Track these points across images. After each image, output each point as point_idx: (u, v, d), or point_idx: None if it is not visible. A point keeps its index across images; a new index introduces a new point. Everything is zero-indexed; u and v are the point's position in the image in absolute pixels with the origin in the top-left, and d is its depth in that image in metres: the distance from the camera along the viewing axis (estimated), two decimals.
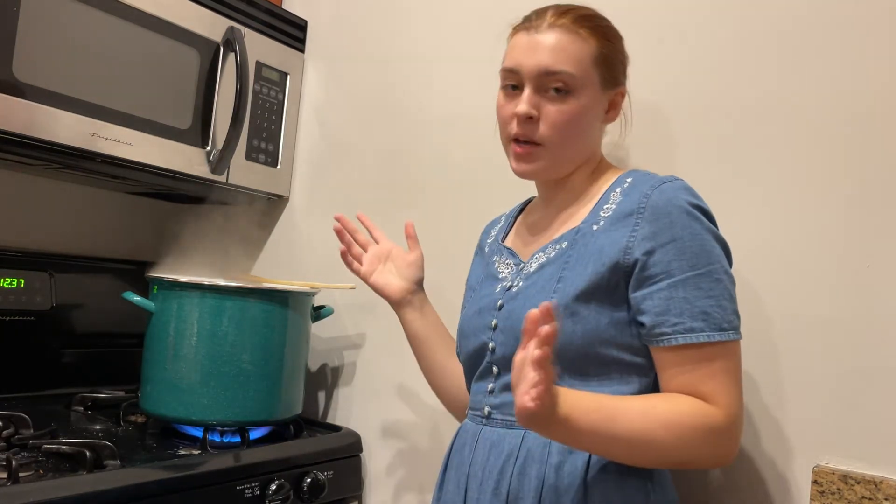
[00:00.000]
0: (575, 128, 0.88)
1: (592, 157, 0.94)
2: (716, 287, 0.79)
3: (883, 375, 0.89)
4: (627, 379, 0.83)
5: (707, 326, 0.78)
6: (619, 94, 0.93)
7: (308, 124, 1.58)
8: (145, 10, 1.26)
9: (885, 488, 0.86)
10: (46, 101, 1.13)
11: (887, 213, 0.91)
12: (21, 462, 0.96)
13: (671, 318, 0.79)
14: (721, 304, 0.79)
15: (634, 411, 0.77)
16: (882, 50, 0.93)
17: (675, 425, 0.76)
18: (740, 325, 0.81)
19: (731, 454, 0.80)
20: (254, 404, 1.23)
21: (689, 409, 0.77)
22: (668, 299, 0.79)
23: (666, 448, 0.76)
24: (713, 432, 0.77)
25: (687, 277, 0.79)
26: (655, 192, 0.83)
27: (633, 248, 0.81)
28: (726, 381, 0.79)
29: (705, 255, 0.80)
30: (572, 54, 0.87)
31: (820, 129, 0.96)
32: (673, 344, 0.79)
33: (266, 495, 1.13)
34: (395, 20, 1.47)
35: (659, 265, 0.80)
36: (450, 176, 1.35)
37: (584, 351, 0.83)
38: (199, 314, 1.21)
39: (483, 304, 0.95)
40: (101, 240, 1.64)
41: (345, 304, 1.47)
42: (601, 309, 0.82)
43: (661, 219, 0.81)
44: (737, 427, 0.80)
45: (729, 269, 0.82)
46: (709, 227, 0.82)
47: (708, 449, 0.78)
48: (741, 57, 1.04)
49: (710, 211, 0.84)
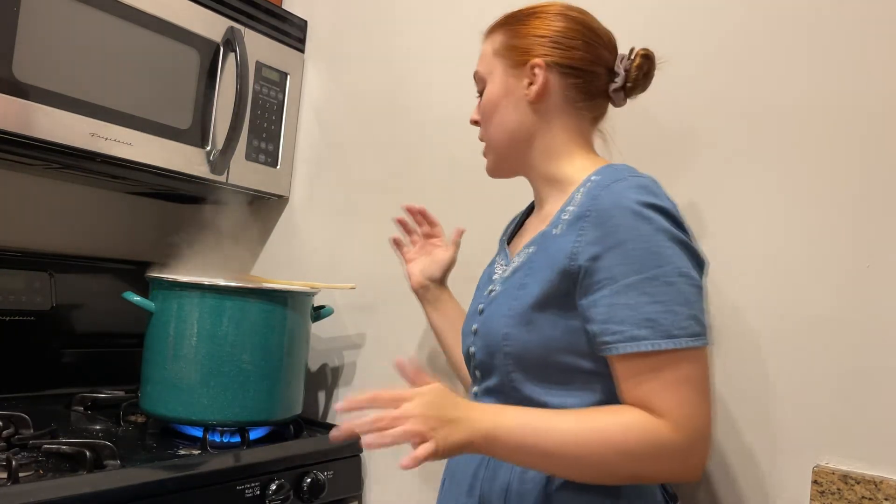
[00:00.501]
0: (490, 115, 0.93)
1: (539, 141, 0.90)
2: (666, 291, 0.74)
3: (883, 375, 0.89)
4: (591, 387, 0.80)
5: (652, 334, 0.73)
6: (531, 67, 0.88)
7: (308, 124, 1.58)
8: (145, 10, 1.26)
9: (885, 488, 0.86)
10: (46, 101, 1.13)
11: (888, 213, 0.91)
12: (21, 462, 0.96)
13: (612, 326, 0.75)
14: (672, 309, 0.73)
15: (566, 426, 0.74)
16: (884, 50, 0.93)
17: (611, 439, 0.73)
18: (703, 332, 0.75)
19: (691, 470, 0.74)
20: (254, 404, 1.23)
21: (631, 423, 0.73)
22: (611, 306, 0.75)
23: (606, 463, 0.73)
24: (661, 448, 0.72)
25: (631, 283, 0.74)
26: (603, 192, 0.79)
27: (578, 253, 0.78)
28: (679, 392, 0.73)
29: (653, 257, 0.74)
30: (483, 56, 0.95)
31: (820, 129, 0.96)
32: (615, 353, 0.75)
33: (266, 495, 1.13)
34: (395, 20, 1.47)
35: (603, 271, 0.76)
36: (450, 176, 1.35)
37: (542, 359, 0.81)
38: (199, 314, 1.21)
39: (473, 307, 0.96)
40: (101, 240, 1.64)
41: (345, 304, 1.47)
42: (556, 317, 0.80)
43: (606, 222, 0.76)
44: (692, 442, 0.73)
45: (688, 271, 0.76)
46: (662, 226, 0.76)
47: (657, 465, 0.73)
48: (744, 58, 1.04)
49: (670, 209, 0.78)
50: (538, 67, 0.88)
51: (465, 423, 0.74)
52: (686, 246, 0.77)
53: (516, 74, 0.90)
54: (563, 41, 0.88)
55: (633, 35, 0.97)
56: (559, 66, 0.88)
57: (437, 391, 0.76)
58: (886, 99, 0.92)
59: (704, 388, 0.75)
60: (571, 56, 0.88)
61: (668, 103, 1.09)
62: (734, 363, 0.99)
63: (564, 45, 0.88)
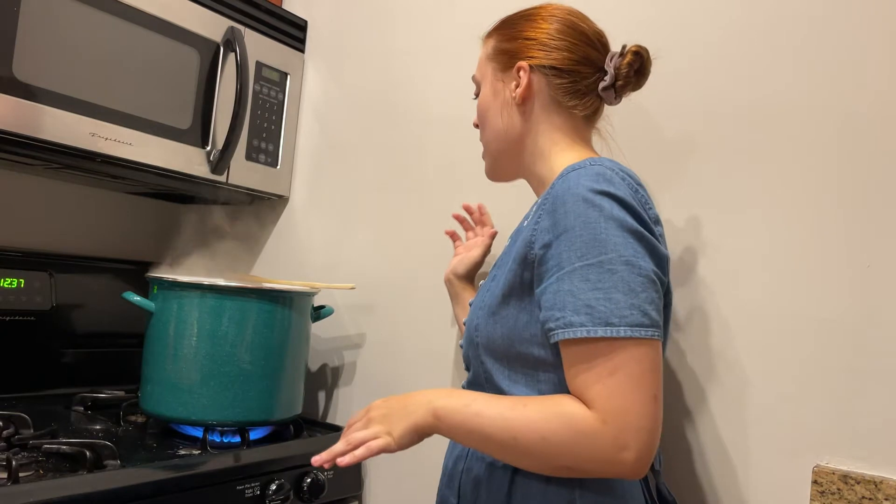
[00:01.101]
0: (483, 119, 0.96)
1: (530, 142, 0.91)
2: (607, 278, 0.72)
3: (883, 375, 0.89)
4: (555, 377, 0.80)
5: (589, 321, 0.72)
6: (517, 70, 0.90)
7: (308, 124, 1.59)
8: (145, 10, 1.26)
9: (885, 488, 0.86)
10: (46, 101, 1.13)
11: (887, 213, 0.91)
12: (21, 462, 0.96)
13: (556, 313, 0.74)
14: (611, 296, 0.72)
15: (499, 410, 0.76)
16: (882, 50, 0.93)
17: (538, 425, 0.73)
18: (648, 324, 0.72)
19: (620, 466, 0.71)
20: (254, 404, 1.23)
21: (559, 412, 0.72)
22: (556, 293, 0.75)
23: (533, 450, 0.73)
24: (583, 438, 0.71)
25: (574, 269, 0.74)
26: (559, 181, 0.79)
27: (534, 242, 0.79)
28: (611, 383, 0.71)
29: (597, 244, 0.73)
30: (479, 61, 0.98)
31: (820, 129, 0.96)
32: (555, 339, 0.75)
33: (266, 495, 1.13)
34: (394, 20, 1.47)
35: (552, 259, 0.76)
36: (450, 176, 1.35)
37: (506, 350, 0.82)
38: (199, 314, 1.21)
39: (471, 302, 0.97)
40: (101, 240, 1.64)
41: (345, 304, 1.47)
42: (520, 307, 0.81)
43: (558, 209, 0.77)
44: (621, 436, 0.70)
45: (636, 260, 0.73)
46: (612, 214, 0.74)
47: (581, 456, 0.71)
48: (740, 58, 1.04)
49: (624, 196, 0.76)
50: (522, 70, 0.91)
51: (411, 408, 0.81)
52: (639, 235, 0.75)
53: (504, 78, 0.93)
54: (548, 42, 0.90)
55: (629, 36, 0.98)
56: (543, 67, 0.90)
57: (387, 397, 0.85)
58: (887, 99, 0.92)
59: (646, 382, 0.71)
60: (555, 57, 0.89)
61: (668, 103, 1.09)
62: (734, 363, 0.99)
63: (549, 47, 0.90)
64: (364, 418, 0.84)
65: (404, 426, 0.80)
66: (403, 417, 0.81)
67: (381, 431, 0.81)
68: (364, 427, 0.82)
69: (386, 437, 0.80)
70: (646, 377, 0.72)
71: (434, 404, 0.80)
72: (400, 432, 0.80)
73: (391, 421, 0.81)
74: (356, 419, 0.85)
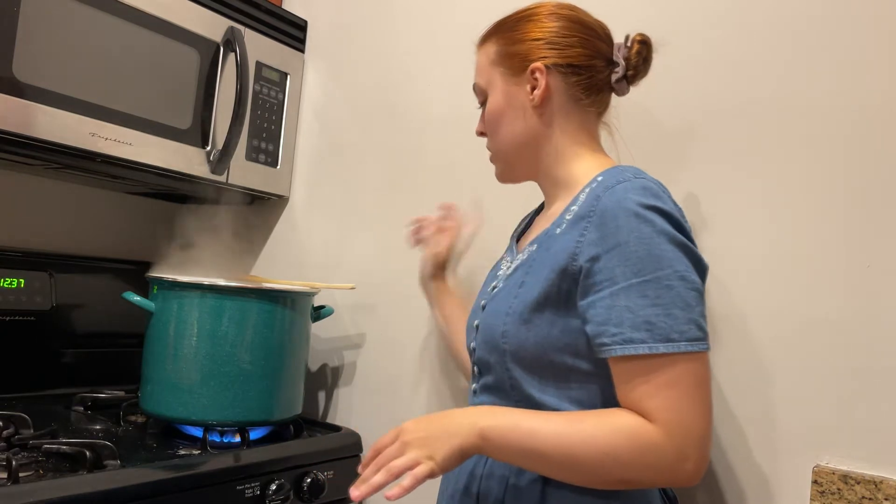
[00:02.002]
0: (496, 124, 0.93)
1: (548, 144, 0.90)
2: (665, 294, 0.73)
3: (883, 375, 0.89)
4: (588, 388, 0.80)
5: (650, 337, 0.72)
6: (532, 72, 0.89)
7: (308, 124, 1.59)
8: (145, 10, 1.26)
9: (885, 488, 0.86)
10: (46, 101, 1.13)
11: (887, 213, 0.91)
12: (21, 462, 0.96)
13: (611, 329, 0.74)
14: (671, 312, 0.72)
15: (555, 427, 0.74)
16: (883, 49, 0.93)
17: (599, 441, 0.72)
18: (703, 337, 0.74)
19: (682, 476, 0.72)
20: (254, 404, 1.23)
21: (621, 426, 0.72)
22: (610, 308, 0.74)
23: (595, 466, 0.73)
24: (648, 452, 0.71)
25: (631, 284, 0.74)
26: (606, 193, 0.78)
27: (579, 254, 0.78)
28: (672, 397, 0.72)
29: (653, 260, 0.74)
30: (480, 68, 0.95)
31: (820, 128, 0.96)
32: (612, 355, 0.74)
33: (266, 495, 1.13)
34: (395, 20, 1.47)
35: (603, 272, 0.75)
36: (450, 176, 1.35)
37: (539, 358, 0.81)
38: (199, 314, 1.21)
39: (476, 303, 0.96)
40: (101, 240, 1.64)
41: (345, 304, 1.47)
42: (555, 316, 0.80)
43: (608, 223, 0.76)
44: (683, 447, 0.71)
45: (689, 275, 0.75)
46: (663, 229, 0.75)
47: (646, 469, 0.72)
48: (741, 57, 1.04)
49: (672, 212, 0.77)
50: (539, 72, 0.88)
51: (455, 430, 0.76)
52: (687, 249, 0.76)
53: (517, 82, 0.90)
54: (559, 41, 0.88)
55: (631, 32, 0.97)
56: (559, 66, 0.88)
57: (420, 417, 0.79)
58: (887, 98, 0.92)
59: (701, 394, 0.73)
60: (570, 54, 0.88)
61: (668, 102, 1.09)
62: (734, 363, 0.99)
63: (561, 45, 0.88)
64: (398, 443, 0.77)
65: (448, 450, 0.75)
66: (445, 440, 0.76)
67: (421, 457, 0.75)
68: (400, 453, 0.76)
69: (428, 463, 0.75)
70: (701, 389, 0.73)
71: (479, 425, 0.76)
72: (443, 456, 0.75)
73: (431, 445, 0.76)
74: (385, 443, 0.79)
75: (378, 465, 0.77)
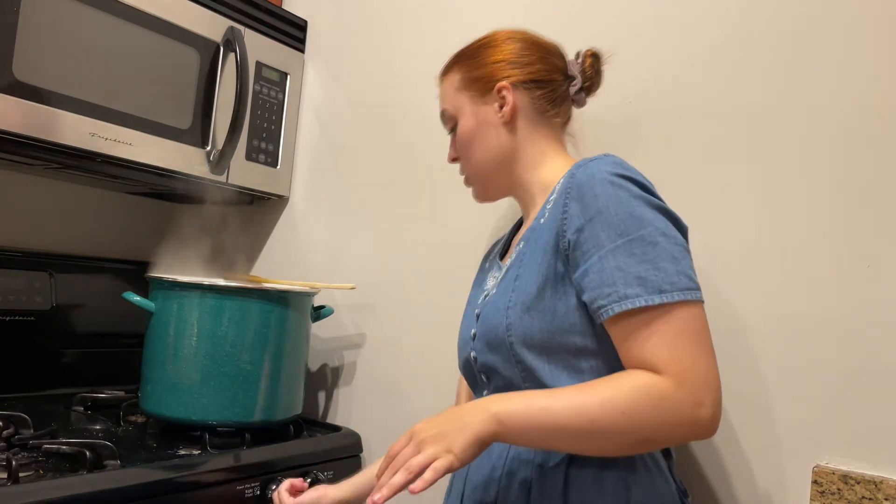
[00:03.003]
0: (469, 147, 0.97)
1: (521, 156, 0.95)
2: (650, 250, 0.76)
3: (883, 375, 0.89)
4: (598, 367, 0.81)
5: (644, 291, 0.74)
6: (498, 91, 0.94)
7: (308, 124, 1.59)
8: (145, 10, 1.26)
9: (885, 488, 0.86)
10: (46, 101, 1.13)
11: (887, 213, 0.91)
12: (21, 462, 0.96)
13: (605, 290, 0.76)
14: (659, 266, 0.75)
15: (570, 397, 0.74)
16: (882, 49, 0.93)
17: (615, 401, 0.72)
18: (695, 286, 0.76)
19: (700, 424, 0.73)
20: (254, 404, 1.23)
21: (635, 383, 0.73)
22: (601, 271, 0.77)
23: (616, 428, 0.72)
24: (666, 403, 0.72)
25: (617, 246, 0.77)
26: (580, 170, 0.82)
27: (566, 229, 0.81)
28: (676, 344, 0.73)
29: (634, 220, 0.77)
30: (446, 96, 1.00)
31: (820, 128, 0.96)
32: (610, 315, 0.76)
33: (266, 495, 1.13)
34: (395, 20, 1.47)
35: (589, 240, 0.78)
36: (450, 176, 1.35)
37: (546, 343, 0.82)
38: (199, 314, 1.21)
39: (467, 321, 0.97)
40: (101, 240, 1.64)
41: (345, 304, 1.47)
42: (556, 298, 0.82)
43: (585, 194, 0.80)
44: (697, 393, 0.72)
45: (670, 232, 0.78)
46: (638, 193, 0.79)
47: (666, 423, 0.72)
48: (740, 56, 1.04)
49: (643, 180, 0.81)
50: (505, 89, 0.94)
51: (468, 420, 0.76)
52: (664, 210, 0.80)
53: (485, 101, 0.96)
54: (519, 60, 0.95)
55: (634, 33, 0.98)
56: (523, 83, 0.94)
57: (429, 417, 0.79)
58: (887, 98, 0.92)
59: (703, 339, 0.75)
60: (531, 71, 0.94)
61: (667, 103, 1.09)
62: (734, 363, 0.99)
63: (522, 63, 0.95)
64: (413, 443, 0.76)
65: (465, 439, 0.75)
66: (461, 431, 0.75)
67: (439, 451, 0.74)
68: (417, 451, 0.75)
69: (447, 456, 0.74)
70: (702, 334, 0.75)
71: (493, 410, 0.75)
72: (461, 447, 0.74)
73: (447, 438, 0.75)
74: (399, 447, 0.78)
75: (395, 468, 0.75)
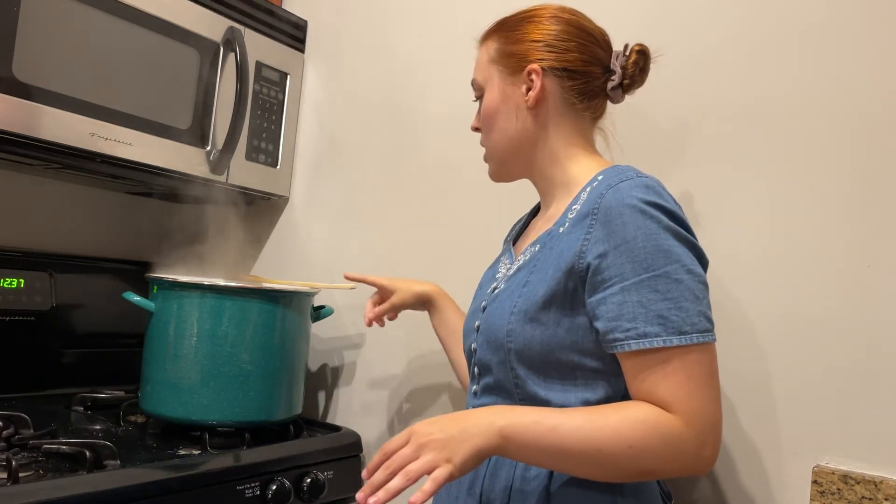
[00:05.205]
0: (491, 123, 0.94)
1: (542, 145, 0.91)
2: (674, 288, 0.75)
3: (883, 375, 0.89)
4: (593, 385, 0.80)
5: (664, 331, 0.74)
6: (528, 73, 0.89)
7: (308, 124, 1.59)
8: (145, 10, 1.26)
9: (885, 488, 0.86)
10: (46, 101, 1.13)
11: (887, 213, 0.91)
12: (21, 462, 0.96)
13: (624, 324, 0.75)
14: (681, 305, 0.74)
15: (578, 422, 0.74)
16: (883, 49, 0.93)
17: (623, 434, 0.72)
18: (711, 328, 0.76)
19: (701, 462, 0.74)
20: (254, 404, 1.23)
21: (643, 418, 0.73)
22: (622, 304, 0.75)
23: (619, 458, 0.73)
24: (672, 441, 0.72)
25: (641, 280, 0.75)
26: (610, 191, 0.79)
27: (586, 251, 0.78)
28: (689, 386, 0.74)
29: (661, 255, 0.75)
30: (480, 64, 0.96)
31: (820, 128, 0.97)
32: (626, 350, 0.75)
33: (266, 495, 1.13)
34: (394, 20, 1.47)
35: (612, 268, 0.76)
36: (450, 176, 1.35)
37: (544, 356, 0.81)
38: (199, 314, 1.21)
39: (475, 305, 0.96)
40: (101, 240, 1.64)
41: (345, 304, 1.47)
42: (561, 315, 0.80)
43: (613, 220, 0.77)
44: (703, 435, 0.73)
45: (695, 268, 0.77)
46: (668, 225, 0.77)
47: (669, 459, 0.73)
48: (740, 56, 1.04)
49: (674, 209, 0.79)
50: (535, 73, 0.89)
51: (473, 431, 0.75)
52: (691, 244, 0.78)
53: (514, 81, 0.91)
54: (557, 44, 0.89)
55: (630, 34, 0.98)
56: (556, 70, 0.89)
57: (432, 419, 0.78)
58: (886, 97, 0.92)
59: (714, 382, 0.76)
60: (567, 59, 0.89)
61: (668, 102, 1.09)
62: (734, 363, 0.99)
63: (559, 49, 0.89)
64: (412, 445, 0.75)
65: (466, 451, 0.73)
66: (463, 441, 0.74)
67: (439, 459, 0.73)
68: (415, 455, 0.74)
69: (447, 466, 0.72)
70: (712, 377, 0.76)
71: (498, 424, 0.74)
72: (462, 458, 0.73)
73: (448, 446, 0.73)
74: (397, 445, 0.76)
75: (391, 469, 0.74)
